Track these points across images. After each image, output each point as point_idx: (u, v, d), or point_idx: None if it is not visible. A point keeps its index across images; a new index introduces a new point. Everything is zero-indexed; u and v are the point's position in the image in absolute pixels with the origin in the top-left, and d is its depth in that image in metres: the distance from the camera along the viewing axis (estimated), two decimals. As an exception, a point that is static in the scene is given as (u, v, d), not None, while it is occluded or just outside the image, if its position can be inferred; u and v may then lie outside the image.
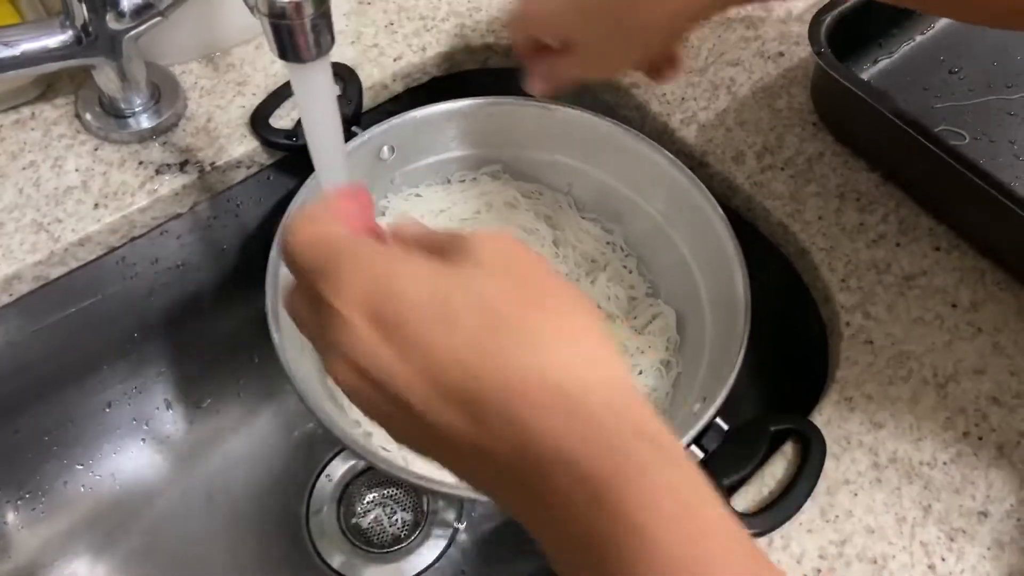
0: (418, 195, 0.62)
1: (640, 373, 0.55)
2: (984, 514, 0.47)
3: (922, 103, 0.64)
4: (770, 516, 0.46)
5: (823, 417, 0.50)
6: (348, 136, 0.55)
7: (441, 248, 0.29)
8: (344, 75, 0.61)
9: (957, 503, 0.47)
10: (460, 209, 0.61)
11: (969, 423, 0.50)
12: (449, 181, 0.62)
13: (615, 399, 0.26)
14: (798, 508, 0.46)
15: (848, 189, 0.59)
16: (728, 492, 0.46)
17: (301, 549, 0.65)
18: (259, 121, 0.59)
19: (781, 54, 0.67)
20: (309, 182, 0.52)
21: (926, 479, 0.48)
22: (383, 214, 0.60)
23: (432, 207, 0.61)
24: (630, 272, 0.61)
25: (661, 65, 0.51)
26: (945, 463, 0.48)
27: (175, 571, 0.64)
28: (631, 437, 0.25)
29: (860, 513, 0.47)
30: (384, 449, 0.50)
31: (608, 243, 0.61)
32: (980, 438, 0.49)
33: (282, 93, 0.61)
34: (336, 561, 0.65)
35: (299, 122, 0.58)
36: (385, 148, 0.57)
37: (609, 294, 0.59)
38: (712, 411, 0.46)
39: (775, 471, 0.48)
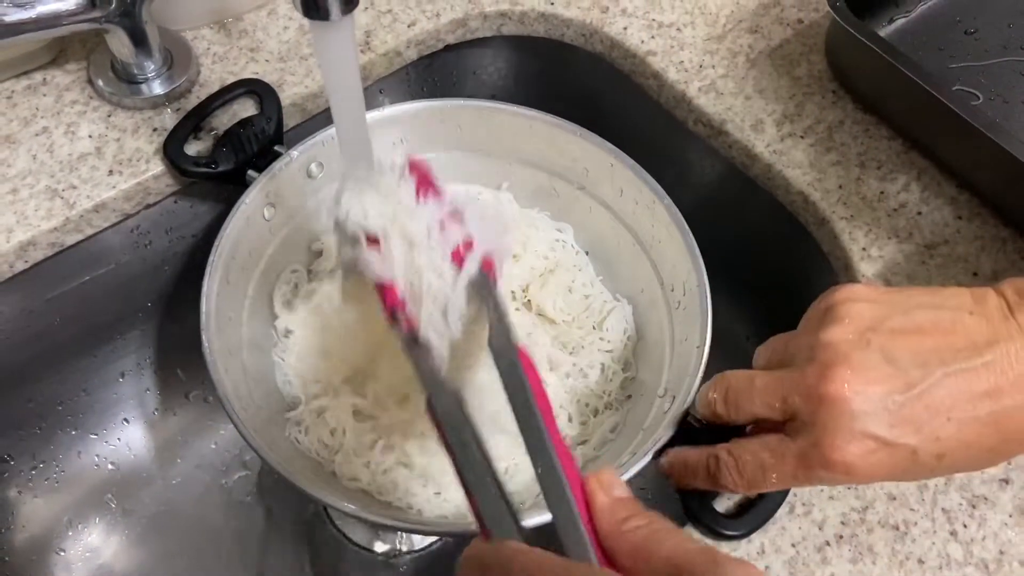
0: None
1: (601, 371, 0.53)
2: (1006, 481, 0.47)
3: (937, 63, 0.63)
4: (749, 518, 0.43)
5: (844, 385, 0.49)
6: (271, 156, 0.53)
7: (682, 569, 0.26)
8: (261, 92, 0.57)
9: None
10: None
11: (991, 391, 0.50)
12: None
13: None
14: (777, 506, 0.44)
15: (869, 158, 0.59)
16: (711, 493, 0.44)
17: (320, 518, 0.65)
18: (172, 148, 0.55)
19: (800, 21, 0.66)
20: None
21: (948, 447, 0.48)
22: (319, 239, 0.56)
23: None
24: (580, 270, 0.58)
25: None
26: (967, 431, 0.48)
27: (191, 541, 0.64)
28: None
29: (882, 480, 0.47)
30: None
31: (558, 240, 0.58)
32: (1002, 406, 0.49)
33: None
34: (356, 534, 0.65)
35: (215, 146, 0.55)
36: (313, 165, 0.54)
37: (563, 294, 0.56)
38: (683, 408, 0.43)
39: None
